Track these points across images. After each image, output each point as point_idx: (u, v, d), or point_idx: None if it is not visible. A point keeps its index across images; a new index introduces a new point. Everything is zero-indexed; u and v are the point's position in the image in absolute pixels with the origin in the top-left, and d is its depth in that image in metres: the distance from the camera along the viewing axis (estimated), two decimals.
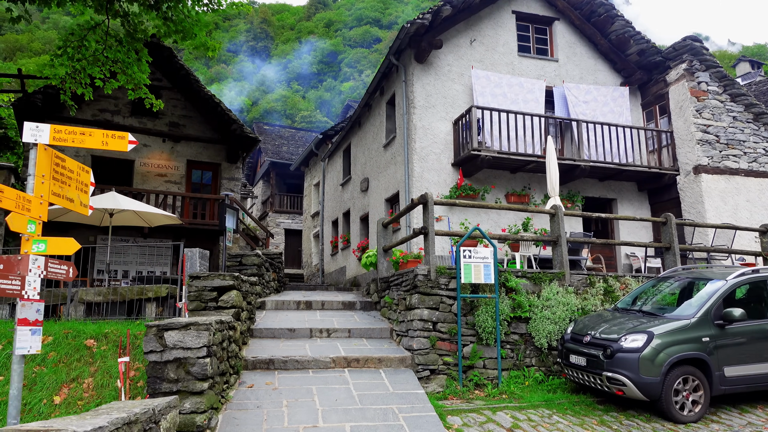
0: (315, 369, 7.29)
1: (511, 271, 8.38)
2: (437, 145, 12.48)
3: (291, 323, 8.87)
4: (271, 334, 8.44)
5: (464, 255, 7.83)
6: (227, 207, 10.49)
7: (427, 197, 8.13)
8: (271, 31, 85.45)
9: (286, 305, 10.10)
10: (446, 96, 12.83)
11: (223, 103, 16.79)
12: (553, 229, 8.96)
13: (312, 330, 8.55)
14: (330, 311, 10.01)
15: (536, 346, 8.12)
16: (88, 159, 16.16)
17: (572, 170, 12.59)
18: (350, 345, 8.08)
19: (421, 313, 7.76)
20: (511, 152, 11.89)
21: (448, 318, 7.87)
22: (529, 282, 8.45)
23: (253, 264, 10.12)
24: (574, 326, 7.65)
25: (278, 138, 33.91)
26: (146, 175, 16.79)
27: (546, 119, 12.77)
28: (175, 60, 16.55)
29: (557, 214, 8.87)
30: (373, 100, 15.49)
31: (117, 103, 16.79)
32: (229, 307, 6.97)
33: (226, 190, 17.76)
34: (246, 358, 7.19)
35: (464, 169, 12.28)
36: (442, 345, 7.74)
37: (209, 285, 7.01)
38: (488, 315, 7.87)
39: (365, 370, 7.35)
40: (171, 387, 5.03)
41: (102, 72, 11.45)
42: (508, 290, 8.26)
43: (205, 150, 17.77)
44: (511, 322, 8.12)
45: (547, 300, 8.30)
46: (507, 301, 8.10)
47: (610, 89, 14.00)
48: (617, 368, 6.53)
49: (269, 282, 11.38)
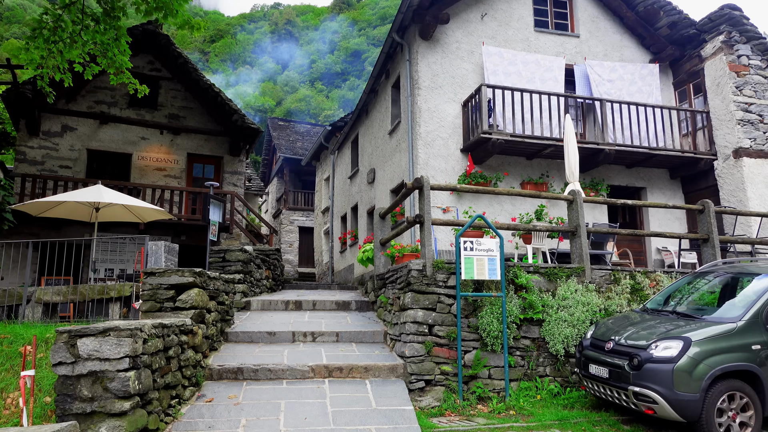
0: (290, 379, 6.30)
1: (521, 265, 7.26)
2: (444, 129, 11.37)
3: (273, 325, 7.90)
4: (249, 338, 7.48)
5: (465, 247, 6.74)
6: (211, 199, 9.57)
7: (422, 181, 7.06)
8: (296, 32, 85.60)
9: (273, 305, 9.14)
10: (454, 76, 11.71)
11: (223, 93, 15.96)
12: (571, 218, 7.80)
13: (295, 333, 7.56)
14: (321, 312, 9.02)
15: (551, 353, 6.99)
16: (84, 153, 15.48)
17: (595, 155, 11.35)
18: (336, 351, 7.07)
19: (415, 315, 6.70)
20: (526, 135, 10.71)
21: (447, 320, 6.79)
22: (542, 278, 7.32)
23: (237, 260, 9.18)
24: (595, 330, 6.50)
25: (293, 134, 33.05)
26: (144, 170, 16.04)
27: (566, 99, 11.53)
28: (172, 47, 15.75)
29: (575, 201, 7.71)
30: (379, 85, 14.43)
31: (114, 94, 16.08)
32: (188, 308, 6.01)
33: (228, 185, 16.95)
34: (211, 367, 6.24)
35: (474, 155, 11.16)
36: (440, 351, 6.67)
37: (165, 282, 6.07)
38: (494, 316, 6.77)
39: (349, 381, 6.32)
40: (84, 407, 4.07)
41: (81, 56, 10.77)
42: (517, 288, 7.14)
43: (206, 143, 16.96)
44: (521, 325, 7.00)
45: (563, 299, 7.16)
46: (516, 301, 6.99)
47: (638, 67, 12.69)
48: (646, 382, 5.37)
49: (260, 280, 10.44)
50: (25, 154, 14.85)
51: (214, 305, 6.83)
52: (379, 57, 13.16)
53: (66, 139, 15.31)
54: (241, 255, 9.21)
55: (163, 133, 16.45)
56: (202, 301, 6.26)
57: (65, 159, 15.21)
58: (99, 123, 15.72)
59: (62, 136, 15.28)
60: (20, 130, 14.95)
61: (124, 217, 13.00)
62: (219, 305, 7.12)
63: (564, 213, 10.48)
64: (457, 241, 6.72)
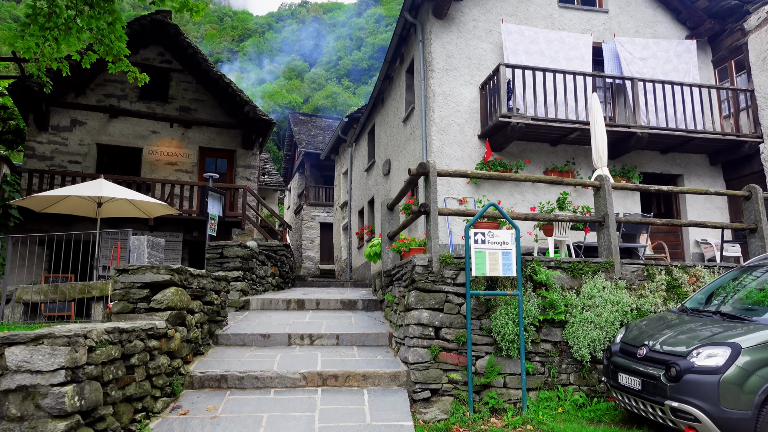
0: (279, 388, 5.64)
1: (540, 260, 6.45)
2: (460, 114, 10.57)
3: (269, 327, 7.27)
4: (241, 341, 6.86)
5: (476, 239, 5.97)
6: (210, 191, 8.99)
7: (427, 167, 6.31)
8: (322, 29, 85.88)
9: (274, 305, 8.51)
10: (471, 57, 10.88)
11: (234, 84, 15.43)
12: (599, 207, 6.95)
13: (291, 336, 6.91)
14: (324, 312, 8.35)
15: (575, 359, 6.18)
16: (93, 147, 15.14)
17: (626, 140, 10.40)
18: (334, 356, 6.39)
19: (420, 316, 5.96)
20: (549, 119, 9.84)
21: (456, 322, 6.04)
22: (565, 274, 6.49)
23: (236, 256, 8.57)
24: (625, 333, 5.67)
25: (314, 128, 32.49)
26: (155, 164, 15.63)
27: (593, 79, 10.59)
28: (181, 38, 15.30)
29: (603, 187, 6.85)
30: (394, 71, 13.68)
31: (124, 87, 15.70)
32: (163, 309, 5.40)
33: (241, 179, 16.45)
34: (192, 374, 5.63)
35: (493, 142, 10.33)
36: (448, 357, 5.93)
37: (138, 281, 5.46)
38: (509, 318, 5.99)
39: (344, 391, 5.63)
40: (12, 428, 3.46)
41: (78, 43, 10.41)
42: (536, 285, 6.34)
43: (218, 136, 16.48)
44: (540, 327, 6.20)
45: (589, 298, 6.34)
46: (535, 300, 6.19)
47: (673, 43, 11.65)
48: (686, 396, 4.54)
49: (263, 278, 9.82)
50: (34, 149, 14.57)
51: (199, 305, 6.21)
52: (391, 40, 12.41)
53: (75, 133, 14.99)
54: (239, 251, 8.60)
55: (173, 126, 16.03)
56: (182, 301, 5.64)
57: (74, 154, 14.89)
58: (108, 117, 15.37)
59: (71, 130, 14.97)
60: (29, 125, 14.68)
61: (130, 212, 12.55)
62: (206, 305, 6.50)
63: (591, 202, 9.59)
64: (467, 233, 5.96)
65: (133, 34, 14.96)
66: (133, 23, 14.83)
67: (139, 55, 16.01)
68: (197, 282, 6.20)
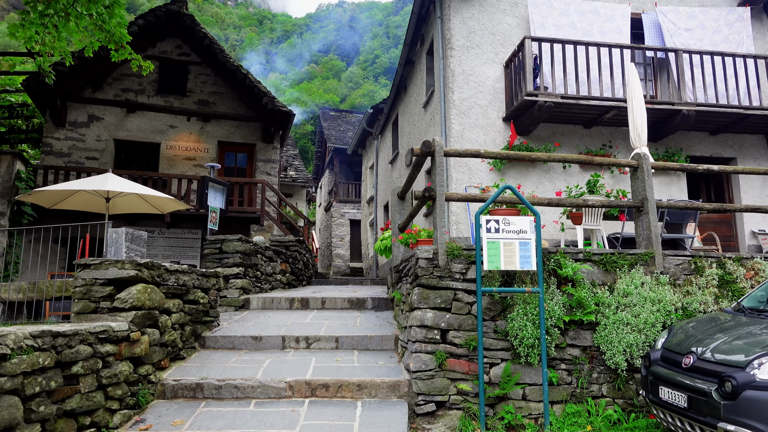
0: (261, 399, 4.93)
1: (566, 251, 5.55)
2: (483, 95, 9.67)
3: (264, 328, 6.59)
4: (230, 344, 6.20)
5: (488, 228, 5.13)
6: (210, 182, 8.39)
7: (432, 145, 5.50)
8: (359, 28, 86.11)
9: (276, 304, 7.84)
10: (494, 33, 9.96)
11: (251, 75, 14.87)
12: (636, 190, 5.98)
13: (285, 338, 6.21)
14: (329, 311, 7.63)
15: (608, 367, 5.26)
16: (111, 143, 14.84)
17: (670, 119, 9.31)
18: (329, 361, 5.65)
19: (423, 317, 5.16)
20: (581, 96, 8.84)
21: (466, 323, 5.21)
22: (595, 268, 5.57)
23: (236, 251, 7.93)
24: (668, 337, 4.74)
25: (344, 124, 31.84)
26: (173, 159, 15.23)
27: (632, 52, 9.51)
28: (198, 28, 14.84)
29: (641, 166, 5.89)
30: (414, 54, 12.85)
31: (141, 81, 15.35)
32: (128, 309, 4.75)
33: (261, 173, 15.91)
34: (165, 382, 4.98)
35: (518, 125, 9.40)
36: (456, 364, 5.10)
37: (101, 277, 4.84)
38: (528, 319, 5.12)
39: (335, 403, 4.88)
40: None
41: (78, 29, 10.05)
42: (561, 281, 5.45)
43: (237, 129, 15.97)
44: (566, 330, 5.31)
45: (625, 295, 5.40)
46: (559, 298, 5.30)
47: (723, 11, 10.45)
48: (746, 418, 3.62)
49: (271, 275, 9.17)
50: (52, 146, 14.36)
51: (178, 305, 5.56)
52: (410, 20, 11.58)
53: (92, 129, 14.71)
54: (240, 246, 7.95)
55: (192, 120, 15.62)
56: (152, 300, 4.99)
57: (92, 150, 14.62)
58: (126, 112, 15.04)
59: (89, 126, 14.70)
60: (46, 122, 14.47)
61: (142, 208, 12.11)
62: (188, 305, 5.85)
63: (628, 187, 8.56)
64: (477, 220, 5.12)
65: (148, 26, 14.62)
66: (148, 14, 14.47)
67: (156, 48, 15.67)
68: (175, 278, 5.55)
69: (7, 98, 15.51)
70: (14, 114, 16.23)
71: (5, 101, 15.52)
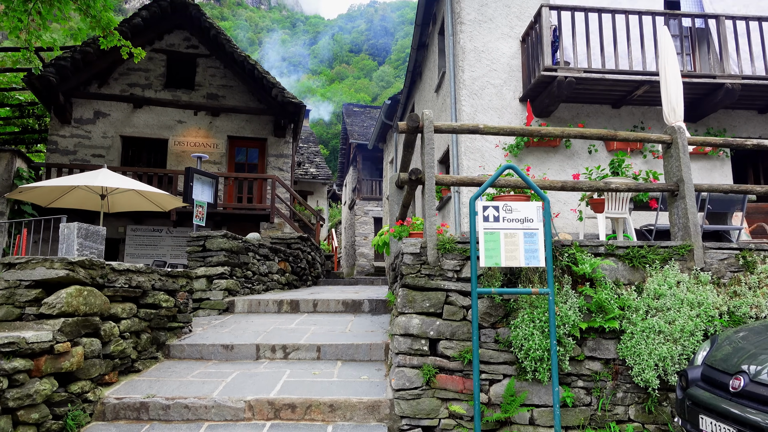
0: (215, 422, 4.17)
1: (582, 244, 4.60)
2: (497, 74, 8.72)
3: (240, 335, 5.82)
4: (197, 354, 5.45)
5: (485, 215, 4.24)
6: (196, 174, 7.69)
7: (418, 119, 4.63)
8: (391, 27, 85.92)
9: (263, 306, 7.08)
10: (509, 4, 9.00)
11: (259, 65, 14.21)
12: (670, 170, 4.99)
13: (261, 347, 5.43)
14: (320, 315, 6.83)
15: (635, 384, 4.31)
16: (117, 140, 14.38)
17: (711, 95, 8.20)
18: (306, 374, 4.85)
19: (408, 324, 4.30)
20: (607, 70, 7.82)
21: (461, 331, 4.33)
22: (620, 264, 4.61)
23: (220, 249, 7.20)
24: (711, 350, 3.76)
25: (368, 119, 30.99)
26: (181, 156, 14.69)
27: (665, 18, 8.39)
28: (203, 18, 14.25)
29: (675, 142, 4.90)
30: (427, 36, 11.95)
31: (148, 75, 14.86)
32: (56, 315, 4.04)
33: (273, 169, 15.26)
34: (106, 401, 4.26)
35: (536, 105, 8.42)
36: (448, 381, 4.23)
37: (27, 278, 4.14)
38: (536, 326, 4.22)
39: (301, 427, 4.07)
40: None
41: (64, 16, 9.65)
42: (577, 280, 4.52)
43: (248, 124, 15.35)
44: (584, 339, 4.38)
45: (657, 297, 4.44)
46: (575, 300, 4.37)
47: None
48: None
49: (266, 275, 8.42)
50: (57, 143, 13.98)
51: (129, 310, 4.83)
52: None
53: (99, 126, 14.28)
54: (225, 243, 7.22)
55: (201, 115, 15.07)
56: (88, 305, 4.26)
57: (98, 147, 14.19)
58: (133, 107, 14.57)
59: (95, 123, 14.27)
60: (51, 119, 14.10)
61: (143, 205, 11.54)
62: (146, 309, 5.13)
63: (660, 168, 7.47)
64: (472, 207, 4.23)
65: (153, 17, 14.11)
66: (152, 5, 13.94)
67: (164, 41, 15.17)
68: (126, 279, 4.82)
69: (16, 96, 15.22)
70: (25, 113, 15.97)
71: (14, 99, 15.23)
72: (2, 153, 11.84)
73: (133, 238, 13.83)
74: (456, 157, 8.50)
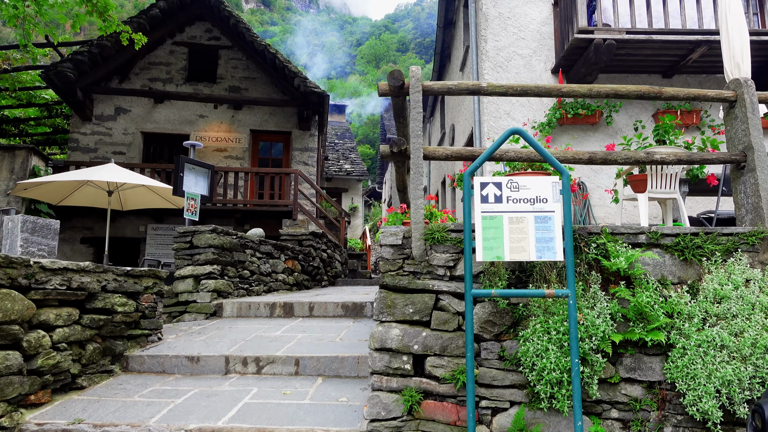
0: None
1: (614, 231, 3.55)
2: (525, 42, 7.63)
3: (212, 345, 5.02)
4: (159, 367, 4.67)
5: (484, 195, 3.28)
6: (186, 163, 6.98)
7: (403, 77, 3.69)
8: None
9: (254, 310, 6.27)
10: None
11: (280, 54, 13.52)
12: (734, 135, 3.86)
13: (231, 359, 4.61)
14: (315, 320, 5.97)
15: (689, 416, 3.23)
16: (138, 136, 14.00)
17: None
18: (274, 395, 4.00)
19: (385, 335, 3.38)
20: (654, 30, 6.62)
21: (454, 345, 3.37)
22: (667, 257, 3.53)
23: (208, 246, 6.44)
24: None
25: None
26: (203, 152, 14.17)
27: None
28: (222, 6, 13.65)
29: (741, 99, 3.77)
30: (453, 11, 10.92)
31: (169, 69, 14.43)
32: None
33: (298, 163, 14.55)
34: (24, 428, 3.52)
35: (571, 76, 7.29)
36: (437, 410, 3.29)
37: None
38: (551, 339, 3.21)
39: None
40: None
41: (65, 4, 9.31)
42: (608, 278, 3.47)
43: (271, 117, 14.69)
44: (619, 356, 3.34)
45: (718, 301, 3.35)
46: (605, 305, 3.32)
47: None
48: None
49: (269, 274, 7.63)
50: (78, 141, 13.71)
51: (68, 316, 4.09)
52: None
53: (119, 122, 13.93)
54: (213, 239, 6.45)
55: (223, 109, 14.51)
56: (2, 311, 3.52)
57: (118, 144, 13.84)
58: (153, 102, 14.16)
59: (115, 119, 13.93)
60: (72, 117, 13.83)
61: (155, 202, 11.06)
62: (96, 314, 4.38)
63: None
64: (466, 184, 3.26)
65: (171, 8, 13.64)
66: None
67: (185, 34, 14.71)
68: (62, 279, 4.07)
69: (42, 96, 15.07)
70: (53, 113, 15.85)
71: (41, 99, 15.09)
72: (18, 150, 11.56)
73: (153, 237, 13.39)
74: (479, 139, 7.47)
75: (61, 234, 13.14)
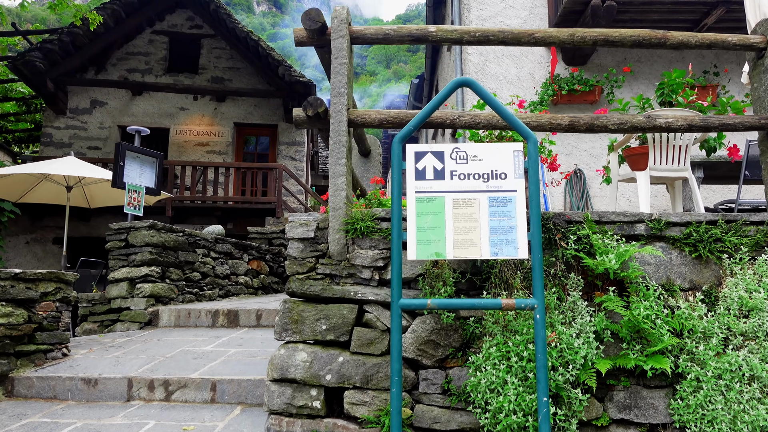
0: None
1: (604, 219, 2.62)
2: (514, 11, 6.70)
3: (124, 364, 4.16)
4: (50, 391, 3.81)
5: (419, 168, 2.38)
6: (128, 150, 6.16)
7: (321, 17, 2.78)
8: None
9: (193, 318, 5.40)
10: None
11: (263, 41, 12.68)
12: (763, 95, 2.92)
13: (135, 383, 3.73)
14: (262, 331, 5.11)
15: None
16: (115, 130, 13.24)
17: None
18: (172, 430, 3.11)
19: (288, 360, 2.49)
20: None
21: (382, 373, 2.46)
22: (672, 253, 2.60)
23: (145, 244, 5.59)
24: None
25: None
26: (183, 146, 13.37)
27: None
28: None
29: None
30: None
31: (148, 59, 13.64)
32: None
33: (284, 158, 13.72)
34: None
35: (566, 48, 6.34)
36: None
37: None
38: (510, 367, 2.29)
39: None
40: None
41: None
42: (593, 282, 2.55)
43: (256, 109, 13.86)
44: (608, 389, 2.42)
45: (744, 313, 2.42)
46: (587, 320, 2.40)
47: None
48: None
49: (227, 277, 6.78)
50: (52, 136, 12.96)
51: None
52: None
53: (95, 115, 13.17)
54: (152, 236, 5.61)
55: (205, 100, 13.67)
56: None
57: (94, 139, 13.08)
58: (131, 94, 13.38)
59: (91, 112, 13.17)
60: (45, 110, 13.10)
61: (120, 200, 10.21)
62: None
63: None
64: (395, 152, 2.37)
65: None
66: None
67: (165, 22, 13.92)
68: None
69: (18, 89, 14.35)
70: (32, 108, 15.16)
71: (17, 93, 14.38)
72: None
73: None
74: None
75: (32, 234, 12.42)
